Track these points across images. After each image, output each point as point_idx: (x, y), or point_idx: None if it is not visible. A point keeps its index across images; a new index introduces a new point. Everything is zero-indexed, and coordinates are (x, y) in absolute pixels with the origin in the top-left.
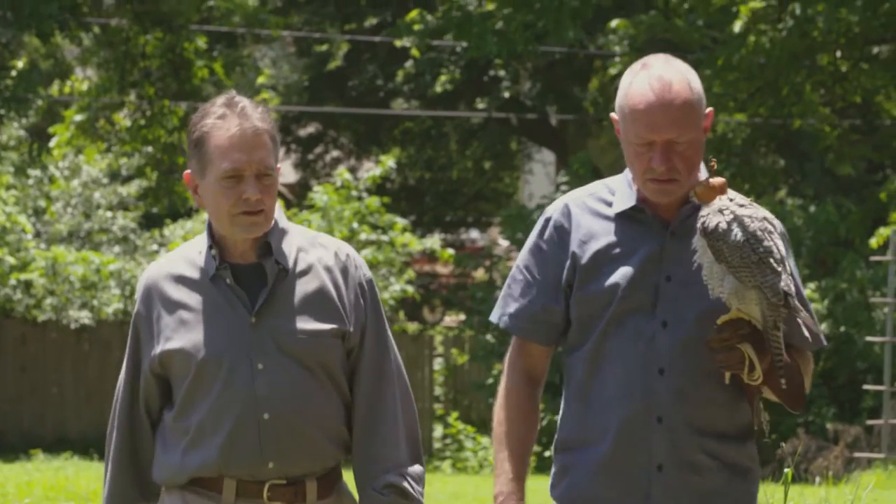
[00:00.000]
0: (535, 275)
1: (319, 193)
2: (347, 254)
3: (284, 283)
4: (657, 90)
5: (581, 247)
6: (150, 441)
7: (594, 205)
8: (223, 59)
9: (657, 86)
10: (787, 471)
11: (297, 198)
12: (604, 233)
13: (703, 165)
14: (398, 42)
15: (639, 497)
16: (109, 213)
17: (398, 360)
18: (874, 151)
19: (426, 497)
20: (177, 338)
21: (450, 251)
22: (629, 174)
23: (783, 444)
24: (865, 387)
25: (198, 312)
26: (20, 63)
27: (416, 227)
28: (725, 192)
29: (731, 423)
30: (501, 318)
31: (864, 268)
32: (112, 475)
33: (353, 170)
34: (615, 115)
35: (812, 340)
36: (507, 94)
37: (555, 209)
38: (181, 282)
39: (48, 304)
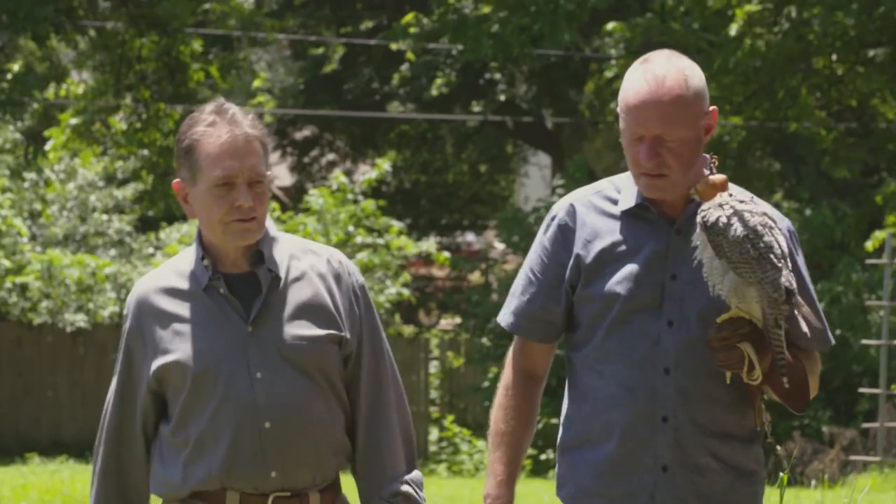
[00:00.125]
0: (538, 274)
1: (315, 197)
2: (340, 260)
3: (278, 291)
4: (649, 85)
5: (585, 246)
6: (141, 457)
7: (600, 203)
8: (219, 63)
9: (651, 81)
10: (783, 474)
11: (293, 201)
12: (609, 231)
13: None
14: (394, 45)
15: (643, 497)
16: (105, 217)
17: (394, 365)
18: (870, 155)
19: None
20: (172, 350)
21: (445, 254)
22: None
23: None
24: (861, 390)
25: (192, 324)
26: (16, 66)
27: (412, 231)
28: (727, 190)
29: (738, 425)
30: (504, 317)
31: (860, 271)
32: (98, 490)
33: (349, 173)
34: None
35: (818, 340)
36: (503, 98)
37: (560, 208)
38: (173, 294)
39: (44, 308)
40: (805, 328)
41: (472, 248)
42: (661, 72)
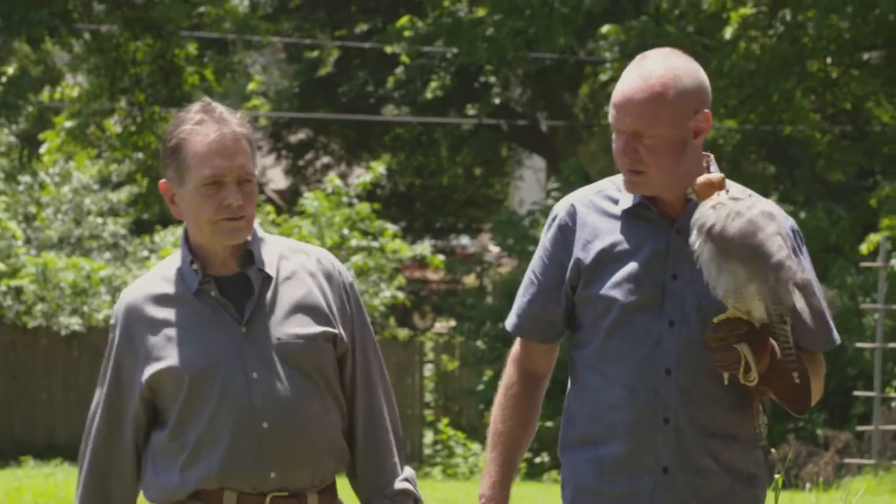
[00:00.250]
0: (539, 275)
1: (310, 200)
2: (329, 259)
3: (270, 291)
4: (633, 81)
5: (585, 246)
6: (129, 468)
7: (601, 202)
8: (214, 66)
9: (635, 77)
10: (778, 477)
11: (288, 204)
12: (609, 231)
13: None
14: (389, 48)
15: (643, 498)
16: (100, 220)
17: (382, 362)
18: (864, 158)
19: None
20: (166, 357)
21: (440, 257)
22: None
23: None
24: (856, 393)
25: (185, 329)
26: (10, 69)
27: (407, 234)
28: (724, 188)
29: (740, 426)
30: (508, 319)
31: (855, 274)
32: (82, 501)
33: (344, 176)
34: None
35: (822, 340)
36: (498, 101)
37: (560, 208)
38: (163, 300)
39: (38, 311)
40: (808, 327)
41: (467, 252)
42: (649, 69)
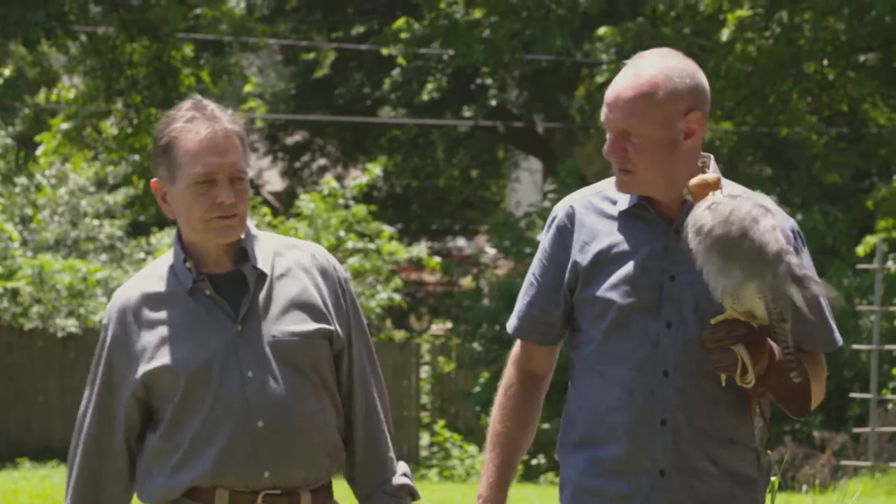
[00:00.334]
0: (538, 276)
1: (306, 202)
2: (323, 254)
3: (265, 288)
4: (624, 80)
5: (583, 248)
6: (121, 469)
7: (599, 203)
8: (210, 68)
9: (628, 75)
10: (774, 479)
11: (284, 206)
12: (607, 232)
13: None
14: (385, 50)
15: (639, 500)
16: (96, 222)
17: (376, 356)
18: (861, 160)
19: None
20: (160, 356)
21: (437, 259)
22: None
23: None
24: (852, 395)
25: (179, 327)
26: (6, 71)
27: (403, 236)
28: (720, 188)
29: (739, 429)
30: (509, 322)
31: (851, 276)
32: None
33: (340, 178)
34: None
35: (823, 342)
36: (494, 103)
37: (559, 209)
38: (157, 299)
39: (35, 313)
40: (809, 328)
41: (464, 253)
42: (642, 68)
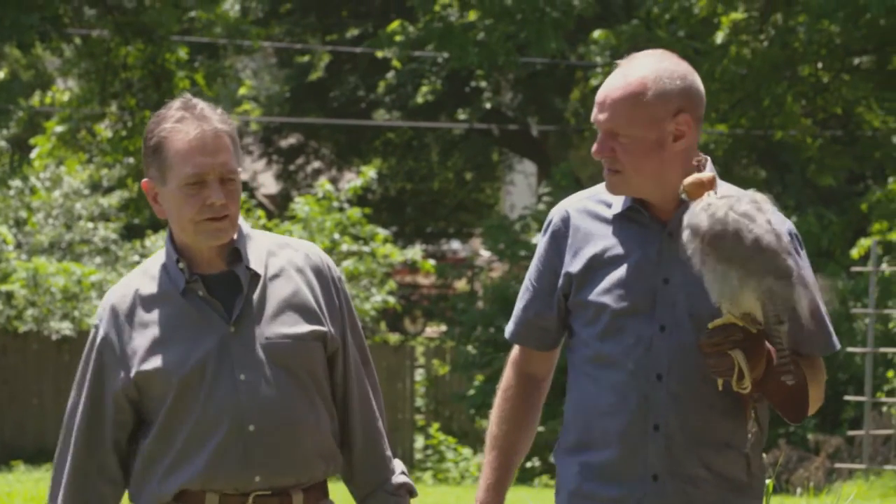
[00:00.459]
0: (534, 281)
1: (301, 204)
2: (317, 253)
3: (259, 289)
4: (613, 80)
5: (577, 252)
6: (112, 468)
7: (594, 207)
8: (204, 70)
9: (619, 75)
10: (769, 482)
11: (279, 209)
12: (601, 236)
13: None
14: (380, 53)
15: None
16: (91, 224)
17: (370, 354)
18: (855, 162)
19: None
20: (153, 358)
21: (431, 262)
22: None
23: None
24: (847, 397)
25: (172, 329)
26: (1, 74)
27: (398, 238)
28: (715, 188)
29: (734, 434)
30: (507, 327)
31: (846, 279)
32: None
33: (335, 181)
34: None
35: (821, 345)
36: (489, 105)
37: (555, 213)
38: (149, 300)
39: (29, 316)
40: (807, 331)
41: (458, 256)
42: (632, 69)
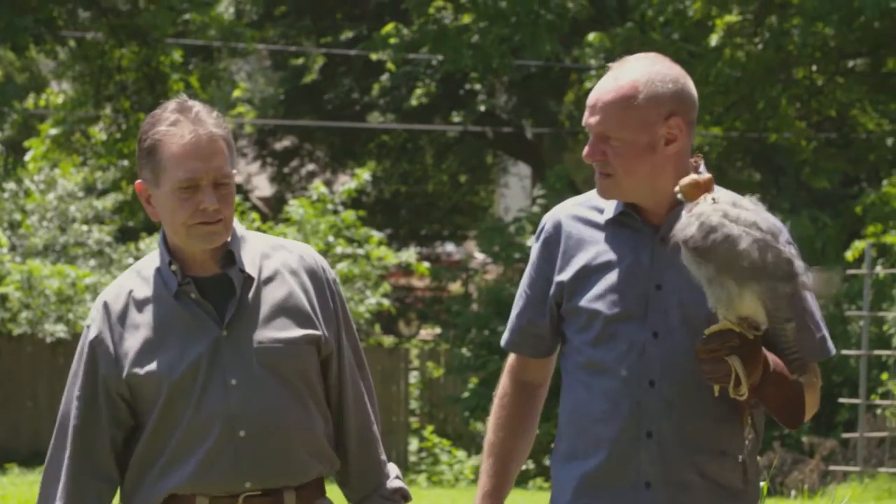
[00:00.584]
0: (527, 288)
1: (295, 207)
2: (312, 255)
3: (252, 292)
4: (604, 83)
5: (569, 259)
6: (106, 467)
7: (586, 213)
8: (199, 73)
9: (610, 78)
10: (763, 484)
11: (273, 211)
12: (593, 242)
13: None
14: (374, 55)
15: None
16: (85, 227)
17: (364, 357)
18: (849, 165)
19: None
20: (144, 361)
21: (425, 264)
22: None
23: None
24: (841, 400)
25: (163, 332)
26: None
27: (392, 241)
28: (711, 190)
29: (728, 440)
30: (503, 335)
31: (840, 281)
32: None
33: (329, 183)
34: None
35: (817, 350)
36: (483, 108)
37: (547, 220)
38: (142, 302)
39: (23, 318)
40: (803, 336)
41: (453, 259)
42: (624, 72)
